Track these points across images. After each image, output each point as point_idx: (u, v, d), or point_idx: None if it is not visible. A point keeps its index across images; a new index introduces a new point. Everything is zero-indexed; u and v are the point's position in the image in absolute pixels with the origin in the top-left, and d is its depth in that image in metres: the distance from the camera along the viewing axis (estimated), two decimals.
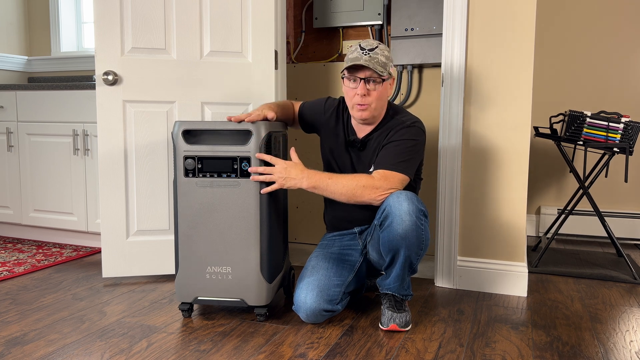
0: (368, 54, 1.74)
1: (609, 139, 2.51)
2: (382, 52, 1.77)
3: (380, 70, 1.73)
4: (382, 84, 1.77)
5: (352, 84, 1.79)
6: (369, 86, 1.76)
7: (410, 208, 1.66)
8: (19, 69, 3.69)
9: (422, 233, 1.69)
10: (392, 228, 1.67)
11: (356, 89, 1.77)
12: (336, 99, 2.01)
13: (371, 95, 1.77)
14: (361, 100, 1.77)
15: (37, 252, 2.81)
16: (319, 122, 2.00)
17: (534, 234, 3.36)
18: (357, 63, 1.73)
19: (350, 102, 1.82)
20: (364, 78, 1.75)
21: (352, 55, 1.77)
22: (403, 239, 1.66)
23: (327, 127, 1.98)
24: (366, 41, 1.80)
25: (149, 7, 2.22)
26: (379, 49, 1.76)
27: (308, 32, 2.95)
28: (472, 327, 1.83)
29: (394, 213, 1.66)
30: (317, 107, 2.01)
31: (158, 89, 2.26)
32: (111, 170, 2.26)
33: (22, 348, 1.64)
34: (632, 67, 3.12)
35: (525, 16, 2.09)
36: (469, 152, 2.22)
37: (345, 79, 1.81)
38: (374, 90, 1.77)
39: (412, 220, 1.65)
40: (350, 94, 1.81)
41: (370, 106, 1.78)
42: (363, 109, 1.79)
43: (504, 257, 2.21)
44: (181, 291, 1.86)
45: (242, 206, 1.80)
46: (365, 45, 1.77)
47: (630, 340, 1.74)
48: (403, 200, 1.67)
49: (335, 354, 1.60)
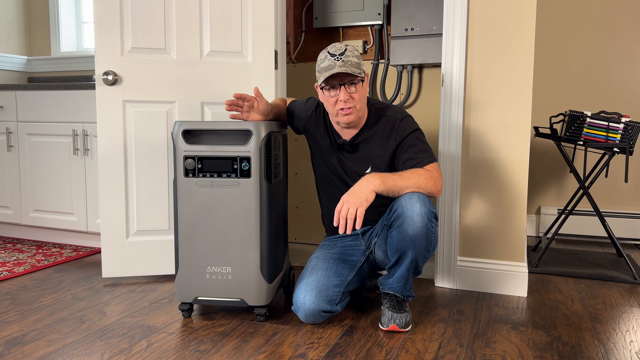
0: (340, 59, 1.71)
1: (609, 139, 2.51)
2: (352, 52, 1.75)
3: (357, 72, 1.72)
4: (362, 84, 1.77)
5: (331, 92, 1.76)
6: (349, 90, 1.74)
7: (422, 210, 1.65)
8: (18, 69, 3.69)
9: (432, 235, 1.69)
10: (403, 229, 1.66)
11: (337, 96, 1.75)
12: (314, 99, 1.99)
13: (354, 97, 1.75)
14: (345, 105, 1.75)
15: (37, 252, 2.81)
16: (301, 124, 2.00)
17: (534, 234, 3.36)
18: (333, 72, 1.70)
19: (333, 110, 1.79)
20: (343, 83, 1.74)
21: (324, 65, 1.74)
22: (413, 241, 1.66)
23: (308, 129, 1.98)
24: (333, 46, 1.76)
25: (149, 7, 2.22)
26: (349, 51, 1.74)
27: (308, 32, 2.95)
28: (472, 327, 1.83)
29: (406, 214, 1.66)
30: (300, 107, 2.00)
31: (158, 89, 2.26)
32: (111, 170, 2.26)
33: (22, 348, 1.64)
34: (632, 67, 3.12)
35: (525, 16, 2.09)
36: (469, 152, 2.22)
37: (323, 90, 1.78)
38: (356, 93, 1.75)
39: (423, 222, 1.65)
40: (331, 102, 1.78)
41: (355, 107, 1.77)
42: (349, 113, 1.76)
43: (504, 257, 2.21)
44: (181, 291, 1.86)
45: (242, 206, 1.80)
46: (335, 51, 1.74)
47: (631, 340, 1.74)
48: (415, 202, 1.66)
49: (335, 354, 1.60)
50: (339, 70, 1.70)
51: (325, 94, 1.79)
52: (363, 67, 1.78)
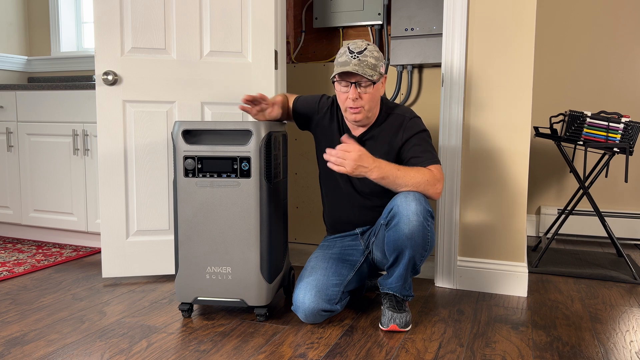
0: (357, 57, 1.72)
1: (609, 139, 2.51)
2: (372, 53, 1.75)
3: (370, 74, 1.72)
4: (373, 86, 1.76)
5: (343, 88, 1.78)
6: (360, 89, 1.75)
7: (418, 208, 1.66)
8: (18, 69, 3.69)
9: (428, 234, 1.69)
10: (399, 228, 1.67)
11: (348, 93, 1.76)
12: (330, 97, 2.00)
13: (363, 98, 1.76)
14: (353, 104, 1.76)
15: (37, 252, 2.81)
16: (313, 120, 2.00)
17: (534, 234, 3.36)
18: (346, 69, 1.71)
19: (343, 105, 1.81)
20: (355, 82, 1.74)
21: (341, 59, 1.75)
22: (409, 239, 1.66)
23: (321, 126, 1.98)
24: (354, 43, 1.77)
25: (149, 7, 2.22)
26: (368, 50, 1.74)
27: (308, 32, 2.95)
28: (472, 327, 1.83)
29: (402, 213, 1.66)
30: (311, 105, 1.99)
31: (158, 89, 2.26)
32: (111, 170, 2.26)
33: (22, 348, 1.64)
34: (632, 67, 3.12)
35: (525, 16, 2.09)
36: (469, 152, 2.22)
37: (336, 83, 1.81)
38: (366, 94, 1.76)
39: (419, 220, 1.65)
40: (342, 98, 1.80)
41: (364, 108, 1.78)
42: (356, 112, 1.78)
43: (504, 257, 2.21)
44: (181, 291, 1.86)
45: (242, 206, 1.80)
46: (354, 48, 1.74)
47: (631, 340, 1.74)
48: (411, 200, 1.66)
49: (335, 354, 1.60)
50: (351, 69, 1.71)
51: (337, 88, 1.81)
52: (380, 69, 1.78)
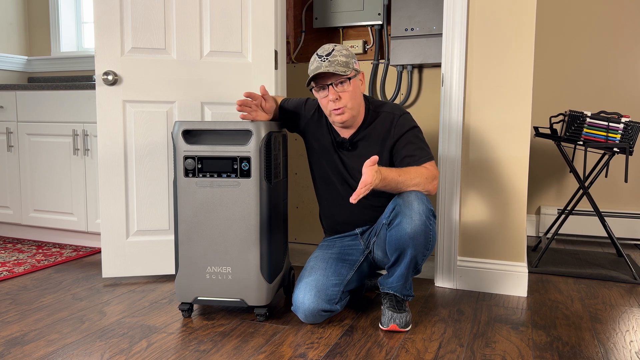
0: (327, 59, 1.75)
1: (609, 139, 2.51)
2: (340, 52, 1.77)
3: (342, 70, 1.74)
4: (350, 83, 1.77)
5: (322, 93, 1.80)
6: (337, 89, 1.77)
7: (420, 208, 1.66)
8: (19, 69, 3.69)
9: (430, 233, 1.69)
10: (401, 227, 1.67)
11: (327, 97, 1.78)
12: (314, 99, 2.00)
13: (343, 97, 1.77)
14: (335, 104, 1.78)
15: (37, 252, 2.81)
16: (300, 124, 2.00)
17: (534, 234, 3.36)
18: (319, 72, 1.74)
19: (327, 110, 1.82)
20: (331, 83, 1.76)
21: (312, 66, 1.78)
22: (411, 239, 1.66)
23: (310, 130, 1.98)
24: (322, 48, 1.80)
25: (149, 7, 2.22)
26: (336, 51, 1.77)
27: (308, 32, 2.95)
28: (472, 327, 1.83)
29: (404, 212, 1.66)
30: (298, 109, 2.01)
31: (158, 89, 2.26)
32: (111, 170, 2.26)
33: (22, 348, 1.64)
34: (631, 67, 3.12)
35: (525, 16, 2.09)
36: (469, 152, 2.22)
37: (314, 91, 1.82)
38: (344, 92, 1.77)
39: (421, 220, 1.66)
40: (324, 103, 1.82)
41: (347, 107, 1.79)
42: (340, 112, 1.79)
43: (504, 257, 2.21)
44: (181, 291, 1.86)
45: (242, 206, 1.80)
46: (322, 52, 1.78)
47: (631, 340, 1.74)
48: (413, 200, 1.67)
49: (335, 354, 1.60)
50: (323, 70, 1.73)
51: (316, 96, 1.83)
52: (354, 65, 1.79)
